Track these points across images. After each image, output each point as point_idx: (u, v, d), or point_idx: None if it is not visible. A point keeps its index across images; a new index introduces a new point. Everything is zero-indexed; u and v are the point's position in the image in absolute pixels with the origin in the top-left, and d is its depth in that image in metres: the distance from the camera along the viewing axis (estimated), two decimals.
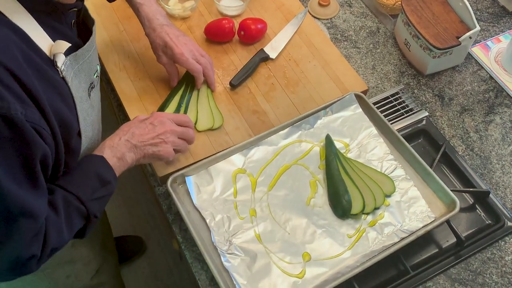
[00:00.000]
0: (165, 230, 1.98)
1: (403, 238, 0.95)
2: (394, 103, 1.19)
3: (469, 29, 1.20)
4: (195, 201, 1.00)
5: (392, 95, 1.21)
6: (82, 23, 0.90)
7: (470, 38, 1.18)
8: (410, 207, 0.99)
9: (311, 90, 1.16)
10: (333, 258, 0.94)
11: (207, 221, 0.98)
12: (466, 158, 1.12)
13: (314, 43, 1.25)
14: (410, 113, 1.18)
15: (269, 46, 1.23)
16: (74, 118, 0.79)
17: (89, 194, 0.81)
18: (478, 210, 1.06)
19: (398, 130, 1.11)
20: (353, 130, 1.09)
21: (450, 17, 1.23)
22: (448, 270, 0.99)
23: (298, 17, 1.28)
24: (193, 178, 1.02)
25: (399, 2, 1.33)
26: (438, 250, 1.01)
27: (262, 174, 1.04)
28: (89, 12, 0.90)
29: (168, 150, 0.95)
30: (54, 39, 0.76)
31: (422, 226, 0.96)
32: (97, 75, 0.90)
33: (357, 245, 0.95)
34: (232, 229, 0.97)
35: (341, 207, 0.98)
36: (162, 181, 1.05)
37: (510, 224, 1.03)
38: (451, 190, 0.99)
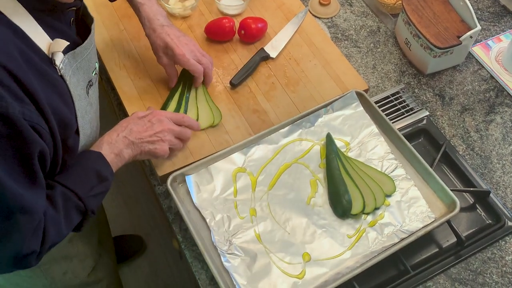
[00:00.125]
0: (165, 229, 1.98)
1: (403, 239, 0.95)
2: (395, 103, 1.19)
3: (470, 28, 1.19)
4: (195, 200, 1.00)
5: (392, 95, 1.21)
6: (81, 21, 0.90)
7: (471, 37, 1.18)
8: (411, 207, 0.99)
9: (312, 90, 1.16)
10: (333, 258, 0.94)
11: (207, 220, 0.98)
12: (466, 157, 1.12)
13: (314, 42, 1.24)
14: (411, 112, 1.17)
15: (269, 45, 1.23)
16: (72, 116, 0.80)
17: (87, 190, 0.83)
18: (478, 210, 1.06)
19: (399, 130, 1.11)
20: (353, 128, 1.09)
21: (451, 16, 1.22)
22: (448, 270, 0.98)
23: (298, 16, 1.28)
24: (193, 177, 1.02)
25: (400, 1, 1.33)
26: (438, 249, 1.01)
27: (262, 173, 1.04)
28: (88, 10, 0.90)
29: (164, 148, 0.97)
30: (52, 38, 0.76)
31: (422, 227, 0.96)
32: (95, 73, 0.90)
33: (357, 245, 0.95)
34: (232, 228, 0.97)
35: (341, 207, 0.98)
36: (162, 180, 1.05)
37: (510, 224, 1.03)
38: (452, 190, 0.98)
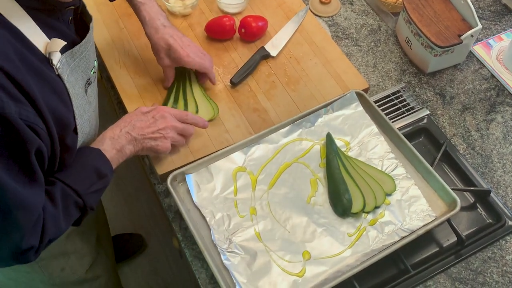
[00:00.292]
0: (165, 228, 1.98)
1: (404, 237, 0.95)
2: (395, 102, 1.19)
3: (470, 27, 1.19)
4: (195, 199, 1.00)
5: (393, 94, 1.20)
6: (80, 20, 0.90)
7: (472, 36, 1.18)
8: (411, 206, 0.99)
9: (312, 88, 1.16)
10: (333, 257, 0.94)
11: (207, 219, 0.98)
12: (467, 157, 1.12)
13: (315, 41, 1.24)
14: (411, 111, 1.17)
15: (270, 44, 1.22)
16: (70, 115, 0.80)
17: (86, 187, 0.83)
18: (479, 209, 1.06)
19: (399, 129, 1.11)
20: (354, 128, 1.09)
21: (452, 15, 1.22)
22: (448, 269, 0.98)
23: (299, 14, 1.28)
24: (193, 176, 1.02)
25: (401, 0, 1.32)
26: (438, 249, 1.01)
27: (262, 172, 1.04)
28: (87, 8, 0.90)
29: (166, 145, 0.97)
30: (50, 37, 0.76)
31: (423, 225, 0.96)
32: (94, 72, 0.90)
33: (357, 244, 0.95)
34: (232, 227, 0.97)
35: (341, 206, 0.98)
36: (162, 179, 1.05)
37: (511, 223, 1.03)
38: (452, 189, 0.98)
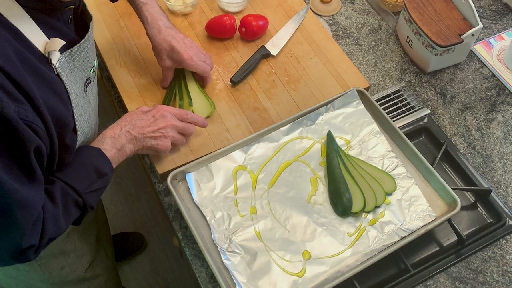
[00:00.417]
0: (165, 227, 1.99)
1: (404, 237, 0.95)
2: (396, 101, 1.19)
3: (471, 26, 1.19)
4: (195, 198, 1.00)
5: (393, 93, 1.20)
6: (80, 19, 0.90)
7: (473, 35, 1.17)
8: (411, 206, 0.99)
9: (313, 87, 1.16)
10: (333, 256, 0.94)
11: (207, 218, 0.98)
12: (467, 156, 1.12)
13: (315, 40, 1.24)
14: (412, 110, 1.17)
15: (270, 43, 1.22)
16: (69, 114, 0.80)
17: (86, 186, 0.83)
18: (479, 209, 1.05)
19: (400, 128, 1.11)
20: (354, 126, 1.09)
21: (453, 14, 1.22)
22: (449, 269, 0.98)
23: (299, 13, 1.28)
24: (193, 175, 1.02)
25: None
26: (439, 248, 1.01)
27: (262, 171, 1.04)
28: (87, 7, 0.90)
29: (166, 144, 0.97)
30: (49, 36, 0.76)
31: (423, 225, 0.96)
32: (93, 71, 0.90)
33: (357, 243, 0.95)
34: (232, 226, 0.97)
35: (341, 205, 0.98)
36: (162, 177, 1.05)
37: (511, 222, 1.02)
38: (452, 188, 0.98)
